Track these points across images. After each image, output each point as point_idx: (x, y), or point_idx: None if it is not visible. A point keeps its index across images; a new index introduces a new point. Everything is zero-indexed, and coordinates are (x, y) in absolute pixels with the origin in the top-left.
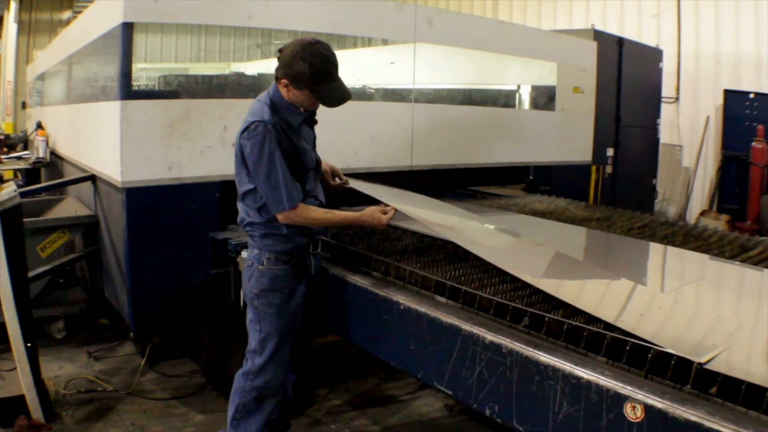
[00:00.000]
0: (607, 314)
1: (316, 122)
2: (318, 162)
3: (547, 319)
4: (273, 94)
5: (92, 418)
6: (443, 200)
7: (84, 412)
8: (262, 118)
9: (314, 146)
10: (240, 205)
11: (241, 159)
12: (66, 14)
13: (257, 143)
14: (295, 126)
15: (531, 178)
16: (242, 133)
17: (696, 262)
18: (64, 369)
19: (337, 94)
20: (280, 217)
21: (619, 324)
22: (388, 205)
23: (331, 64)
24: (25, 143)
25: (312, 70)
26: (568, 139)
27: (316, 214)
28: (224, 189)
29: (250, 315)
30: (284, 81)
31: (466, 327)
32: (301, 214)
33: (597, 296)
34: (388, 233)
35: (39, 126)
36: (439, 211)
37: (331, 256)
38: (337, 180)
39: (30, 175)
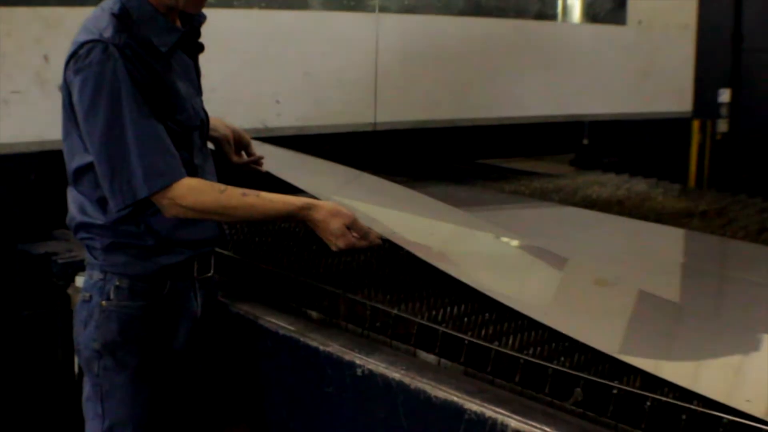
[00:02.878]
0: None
1: (201, 48)
2: (204, 120)
3: (615, 390)
4: None
5: None
6: (430, 185)
7: None
8: (100, 35)
9: (199, 90)
10: (71, 193)
11: (69, 109)
12: None
13: (91, 78)
14: (163, 51)
15: (585, 142)
16: (68, 62)
17: None
18: None
19: None
20: (169, 209)
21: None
22: (359, 226)
23: None
24: None
25: None
26: (650, 74)
27: (223, 196)
28: (46, 164)
29: (87, 388)
30: None
31: (474, 406)
32: (195, 197)
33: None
34: None
35: None
36: (424, 215)
37: (232, 283)
38: (244, 155)
39: None
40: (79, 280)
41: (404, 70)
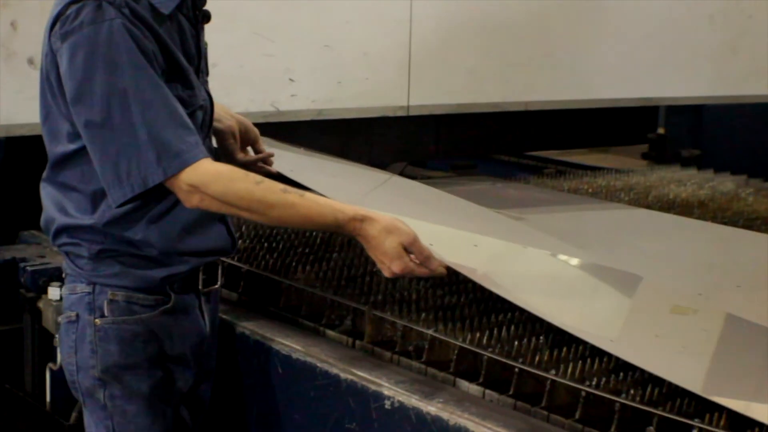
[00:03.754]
0: None
1: (208, 17)
2: (208, 104)
3: (695, 430)
4: None
5: None
6: (474, 182)
7: None
8: None
9: (204, 67)
10: (47, 189)
11: (55, 83)
12: None
13: (83, 42)
14: (165, 15)
15: (661, 132)
16: (53, 26)
17: None
18: None
19: None
20: (190, 197)
21: None
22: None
23: None
24: None
25: None
26: (740, 48)
27: (259, 188)
28: (12, 154)
29: (93, 427)
30: None
31: None
32: (225, 185)
33: None
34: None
35: None
36: (465, 225)
37: (239, 299)
38: (250, 152)
39: None
40: (53, 292)
41: (443, 43)
